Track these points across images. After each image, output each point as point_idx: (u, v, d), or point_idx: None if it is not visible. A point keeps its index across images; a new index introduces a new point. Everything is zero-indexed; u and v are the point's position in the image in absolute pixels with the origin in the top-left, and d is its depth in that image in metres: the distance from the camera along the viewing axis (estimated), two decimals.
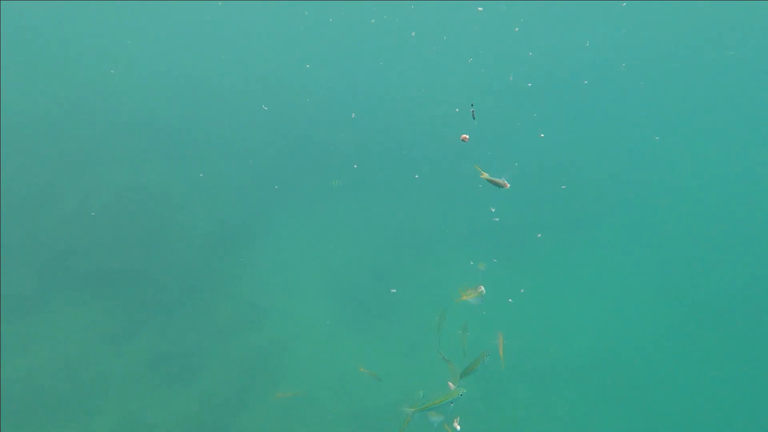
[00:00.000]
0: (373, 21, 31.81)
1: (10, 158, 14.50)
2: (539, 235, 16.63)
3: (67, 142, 16.10)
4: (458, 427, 5.45)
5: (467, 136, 4.66)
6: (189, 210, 15.05)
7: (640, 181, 21.09)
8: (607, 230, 18.21)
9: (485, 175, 4.42)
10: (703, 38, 31.63)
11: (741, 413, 12.14)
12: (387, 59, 29.76)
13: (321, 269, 14.60)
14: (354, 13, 32.49)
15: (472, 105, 4.74)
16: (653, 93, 28.51)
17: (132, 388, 10.33)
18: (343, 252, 15.30)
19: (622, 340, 13.70)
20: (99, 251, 12.61)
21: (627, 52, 30.67)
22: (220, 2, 30.79)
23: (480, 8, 33.68)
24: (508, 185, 4.55)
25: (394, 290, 14.07)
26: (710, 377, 12.97)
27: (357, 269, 14.78)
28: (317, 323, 12.89)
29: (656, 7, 30.05)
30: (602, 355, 13.10)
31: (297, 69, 27.12)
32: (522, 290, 14.23)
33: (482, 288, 5.67)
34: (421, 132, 22.30)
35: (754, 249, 17.85)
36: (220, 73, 24.01)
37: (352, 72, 28.41)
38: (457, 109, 24.38)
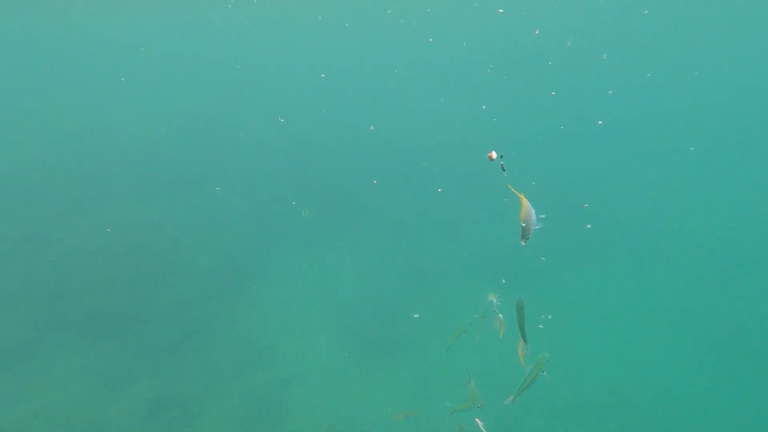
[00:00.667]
0: (389, 11, 30.87)
1: (2, 197, 14.04)
2: (543, 258, 15.70)
3: (61, 180, 15.41)
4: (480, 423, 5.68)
5: (494, 154, 3.99)
6: (188, 247, 14.29)
7: (661, 214, 19.93)
8: (629, 264, 17.17)
9: (524, 208, 3.78)
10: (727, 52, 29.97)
11: None
12: (404, 66, 28.83)
13: (325, 304, 13.82)
14: (370, 17, 31.61)
15: (501, 157, 4.05)
16: (681, 114, 27.12)
17: None
18: (348, 285, 14.53)
19: (641, 376, 12.81)
20: (94, 292, 11.82)
21: (649, 62, 29.27)
22: (229, 6, 30.19)
23: (500, 10, 32.65)
24: (529, 236, 3.90)
25: (417, 315, 13.27)
26: (733, 415, 12.00)
27: (363, 303, 13.96)
28: (321, 361, 12.06)
29: (680, 17, 28.54)
30: (621, 391, 12.20)
31: (312, 79, 26.49)
32: (549, 316, 13.53)
33: (501, 316, 5.68)
34: (439, 146, 21.33)
35: None
36: (230, 88, 23.49)
37: (368, 81, 27.60)
38: (483, 106, 23.37)
